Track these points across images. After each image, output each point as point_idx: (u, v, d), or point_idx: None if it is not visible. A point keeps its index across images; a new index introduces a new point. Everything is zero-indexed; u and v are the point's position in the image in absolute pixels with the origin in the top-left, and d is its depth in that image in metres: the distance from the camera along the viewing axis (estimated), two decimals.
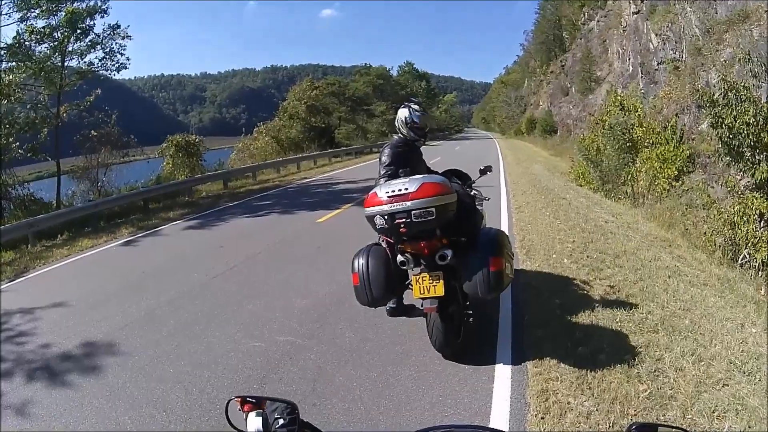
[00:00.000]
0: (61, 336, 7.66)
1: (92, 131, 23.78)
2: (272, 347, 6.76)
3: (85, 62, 23.01)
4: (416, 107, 6.82)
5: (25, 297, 10.04)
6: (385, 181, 6.01)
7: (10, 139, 20.13)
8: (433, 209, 5.16)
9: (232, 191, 25.26)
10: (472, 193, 7.01)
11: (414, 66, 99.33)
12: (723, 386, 5.15)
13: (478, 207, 7.04)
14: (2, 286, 11.21)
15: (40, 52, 21.34)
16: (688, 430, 1.87)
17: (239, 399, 1.94)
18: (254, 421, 1.89)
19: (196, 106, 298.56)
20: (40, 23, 21.12)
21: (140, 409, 5.43)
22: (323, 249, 11.94)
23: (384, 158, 6.51)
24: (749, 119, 11.38)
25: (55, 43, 21.54)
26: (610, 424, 4.58)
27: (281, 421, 1.87)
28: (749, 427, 4.47)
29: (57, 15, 21.41)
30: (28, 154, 21.09)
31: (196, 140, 28.92)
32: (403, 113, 6.74)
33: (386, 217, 5.27)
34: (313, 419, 1.99)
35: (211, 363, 6.41)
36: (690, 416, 4.67)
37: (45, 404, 5.73)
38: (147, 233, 15.82)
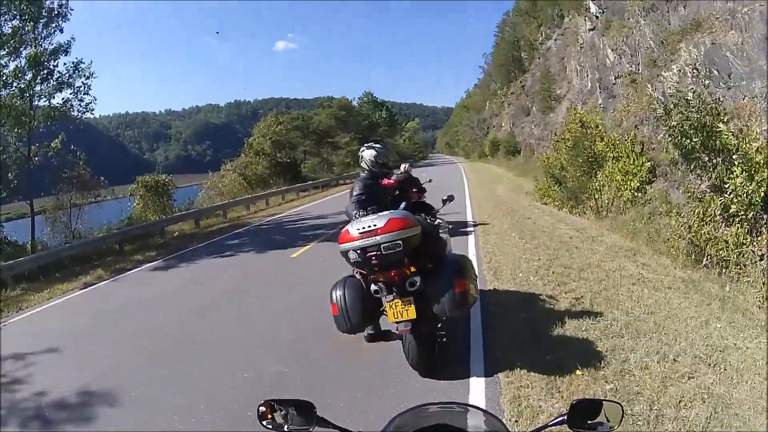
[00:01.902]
0: (56, 380, 7.76)
1: (64, 172, 23.88)
2: (262, 378, 7.08)
3: (52, 104, 23.04)
4: (379, 146, 7.65)
5: (15, 342, 10.06)
6: (356, 206, 6.88)
7: None
8: (400, 241, 5.78)
9: (204, 230, 25.34)
10: (436, 222, 7.64)
11: (373, 95, 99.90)
12: (689, 379, 5.62)
13: (442, 235, 7.60)
14: None
15: (8, 95, 21.36)
16: (620, 403, 2.29)
17: (268, 404, 2.45)
18: (284, 421, 2.43)
19: (161, 143, 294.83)
20: (3, 62, 21.21)
21: None
22: (300, 282, 12.22)
23: (355, 191, 7.21)
24: (699, 123, 11.78)
25: (22, 84, 21.62)
26: None
27: (297, 419, 2.41)
28: (715, 412, 4.90)
29: (20, 56, 21.51)
30: (3, 195, 21.16)
31: (166, 180, 28.94)
32: (370, 154, 7.51)
33: (359, 251, 5.86)
34: None
35: (205, 395, 6.69)
36: (656, 408, 5.09)
37: None
38: (124, 275, 15.90)
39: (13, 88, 21.68)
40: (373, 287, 6.22)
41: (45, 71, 22.43)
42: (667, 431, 4.74)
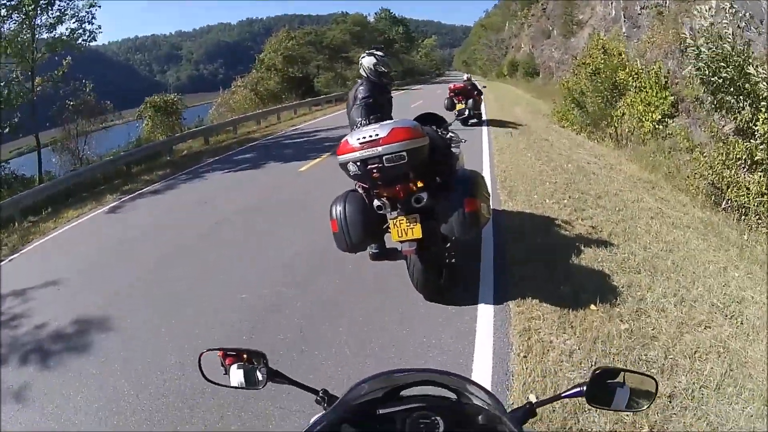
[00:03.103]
0: (55, 311, 7.52)
1: (67, 101, 23.22)
2: (259, 299, 6.77)
3: (55, 35, 22.25)
4: (380, 53, 6.88)
5: (17, 276, 9.73)
6: (362, 110, 6.30)
7: None
8: (405, 153, 5.09)
9: (213, 147, 24.67)
10: (448, 135, 6.86)
11: (390, 12, 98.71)
12: (705, 328, 5.16)
13: (454, 149, 6.93)
14: None
15: (9, 29, 20.58)
16: (654, 377, 1.83)
17: (221, 352, 2.01)
18: (236, 374, 1.99)
19: (172, 65, 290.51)
20: None
21: (136, 372, 5.47)
22: (306, 197, 11.83)
23: (360, 94, 6.51)
24: (732, 65, 11.30)
25: (23, 17, 20.78)
26: (593, 363, 4.58)
27: (260, 372, 1.98)
28: (730, 369, 4.47)
29: None
30: (6, 130, 20.52)
31: (174, 99, 28.24)
32: (370, 61, 6.76)
33: (359, 163, 5.20)
34: (301, 366, 1.99)
35: (202, 320, 6.44)
36: (672, 357, 4.67)
37: (44, 380, 5.70)
38: (131, 197, 15.43)
39: (14, 21, 20.91)
40: (376, 202, 5.62)
41: (44, 2, 21.59)
42: (681, 384, 4.30)
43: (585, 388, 1.78)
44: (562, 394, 1.83)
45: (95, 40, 23.89)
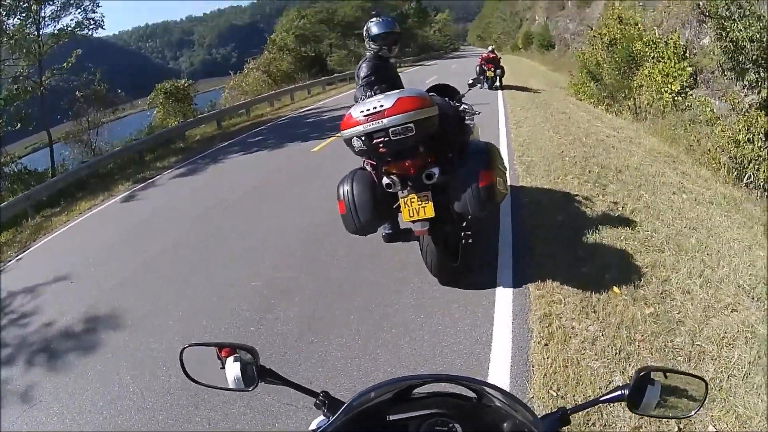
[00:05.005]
0: (63, 306, 7.43)
1: (79, 91, 23.10)
2: (268, 285, 6.63)
3: (60, 27, 21.97)
4: (374, 19, 6.45)
5: (28, 273, 9.61)
6: (365, 90, 5.85)
7: None
8: (412, 125, 4.66)
9: (226, 131, 24.28)
10: (461, 107, 6.40)
11: None
12: (732, 312, 4.86)
13: (468, 122, 6.48)
14: (4, 266, 10.68)
15: (14, 25, 20.21)
16: (704, 378, 1.61)
17: (217, 346, 1.83)
18: (233, 368, 1.78)
19: (185, 50, 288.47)
20: None
21: (141, 367, 5.35)
22: (318, 178, 11.59)
23: (362, 72, 6.13)
24: (753, 35, 10.95)
25: (27, 12, 20.42)
26: (617, 351, 4.33)
27: (255, 369, 1.76)
28: (758, 357, 4.19)
29: None
30: (17, 125, 20.11)
31: (185, 84, 27.95)
32: (364, 32, 6.46)
33: (363, 138, 4.79)
34: (310, 357, 1.71)
35: (209, 309, 6.32)
36: (698, 343, 4.42)
37: (50, 380, 5.60)
38: (142, 185, 15.22)
39: (19, 17, 20.49)
40: (385, 180, 5.16)
41: None
42: (709, 373, 4.03)
43: (627, 392, 1.55)
44: (601, 399, 1.60)
45: (102, 28, 23.72)
